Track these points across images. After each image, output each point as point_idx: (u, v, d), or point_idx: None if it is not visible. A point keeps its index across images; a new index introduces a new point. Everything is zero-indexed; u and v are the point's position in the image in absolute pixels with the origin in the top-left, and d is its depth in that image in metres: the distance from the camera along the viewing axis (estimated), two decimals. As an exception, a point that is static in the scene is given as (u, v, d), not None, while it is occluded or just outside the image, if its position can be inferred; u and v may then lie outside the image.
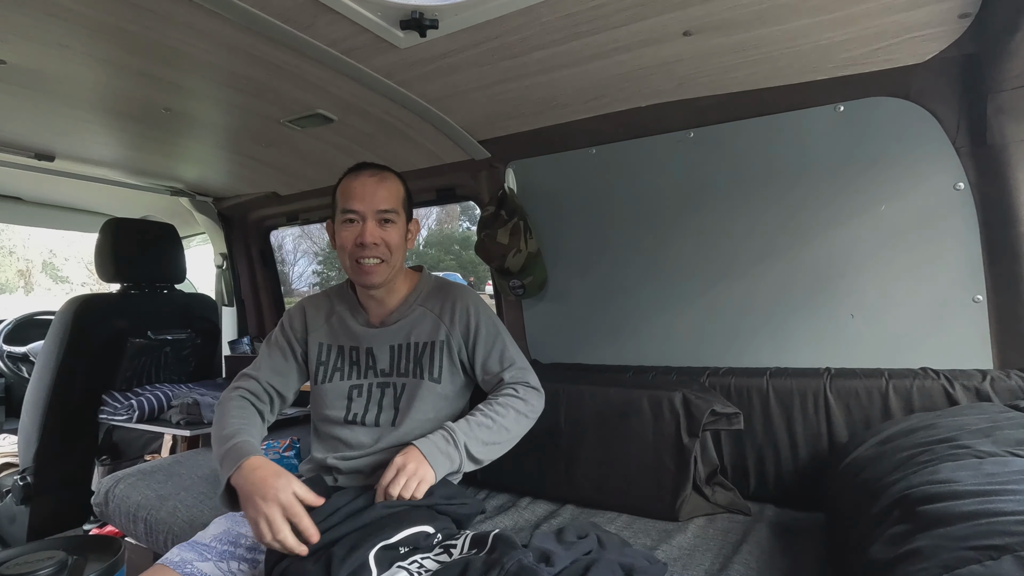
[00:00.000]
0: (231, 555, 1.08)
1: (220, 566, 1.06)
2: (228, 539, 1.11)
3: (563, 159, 1.79)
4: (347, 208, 1.22)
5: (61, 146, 1.93)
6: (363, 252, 1.21)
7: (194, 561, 1.05)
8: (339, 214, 1.24)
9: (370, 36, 1.19)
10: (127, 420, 2.06)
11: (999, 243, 1.27)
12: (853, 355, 1.44)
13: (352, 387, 1.30)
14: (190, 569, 1.03)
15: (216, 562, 1.06)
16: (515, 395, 1.26)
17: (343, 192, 1.25)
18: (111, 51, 1.25)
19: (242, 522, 1.15)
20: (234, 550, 1.09)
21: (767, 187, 1.51)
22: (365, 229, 1.20)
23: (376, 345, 1.30)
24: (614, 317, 1.80)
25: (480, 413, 1.22)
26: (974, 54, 1.20)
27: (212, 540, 1.11)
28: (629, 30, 1.18)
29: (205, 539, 1.11)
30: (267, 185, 2.44)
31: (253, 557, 1.09)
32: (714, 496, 1.36)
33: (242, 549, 1.10)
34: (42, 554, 1.14)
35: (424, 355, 1.28)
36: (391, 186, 1.25)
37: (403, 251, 1.28)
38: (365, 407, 1.28)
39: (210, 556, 1.07)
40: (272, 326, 2.92)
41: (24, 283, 11.40)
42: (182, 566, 1.03)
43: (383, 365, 1.30)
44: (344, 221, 1.23)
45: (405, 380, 1.28)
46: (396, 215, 1.24)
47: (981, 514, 0.70)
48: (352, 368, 1.31)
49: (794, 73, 1.35)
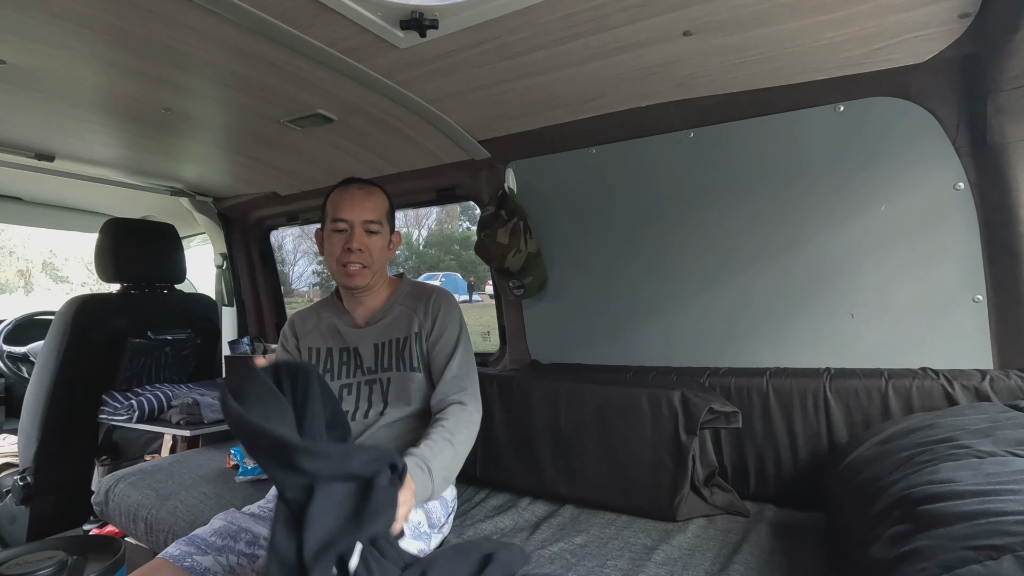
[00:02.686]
0: (230, 550, 1.10)
1: (220, 560, 1.07)
2: (228, 534, 1.12)
3: (563, 159, 1.79)
4: (337, 217, 1.33)
5: (61, 146, 1.93)
6: (349, 257, 1.32)
7: (194, 555, 1.06)
8: (329, 223, 1.35)
9: (370, 36, 1.19)
10: (127, 420, 2.06)
11: (999, 243, 1.27)
12: (853, 355, 1.44)
13: (343, 386, 1.37)
14: (190, 562, 1.05)
15: (216, 556, 1.08)
16: (463, 408, 1.29)
17: (333, 203, 1.35)
18: (111, 51, 1.25)
19: (241, 518, 1.16)
20: (234, 545, 1.11)
21: (767, 187, 1.51)
22: (352, 236, 1.32)
23: (362, 344, 1.39)
24: (614, 317, 1.80)
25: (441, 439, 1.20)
26: (974, 54, 1.20)
27: (212, 535, 1.12)
28: (629, 30, 1.18)
29: (205, 534, 1.12)
30: (267, 185, 2.44)
31: (252, 552, 1.10)
32: (712, 497, 1.36)
33: (242, 544, 1.11)
34: (42, 554, 1.14)
35: (404, 348, 1.37)
36: (377, 200, 1.37)
37: (384, 258, 1.40)
38: (356, 404, 1.35)
39: (210, 550, 1.08)
40: (272, 326, 2.93)
41: (24, 283, 11.41)
42: (182, 559, 1.05)
43: (368, 363, 1.38)
44: (333, 230, 1.34)
45: (390, 374, 1.36)
46: (380, 226, 1.35)
47: (981, 514, 0.70)
48: (342, 368, 1.39)
49: (794, 73, 1.35)
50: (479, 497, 1.56)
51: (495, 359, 2.15)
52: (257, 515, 1.19)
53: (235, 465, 1.76)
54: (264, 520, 1.17)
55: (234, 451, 1.80)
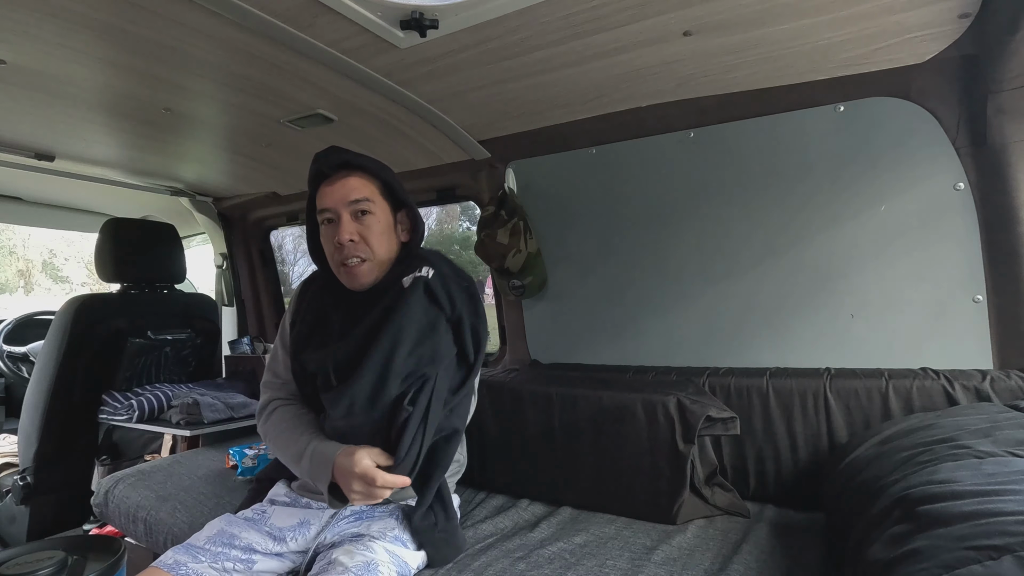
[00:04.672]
0: (225, 556, 1.08)
1: (215, 567, 1.05)
2: (222, 541, 1.10)
3: (563, 159, 1.79)
4: (321, 208, 1.16)
5: (61, 146, 1.93)
6: (343, 253, 1.13)
7: (188, 563, 1.04)
8: (319, 219, 1.19)
9: (370, 36, 1.19)
10: (127, 420, 2.05)
11: (999, 243, 1.27)
12: (853, 355, 1.44)
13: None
14: (184, 571, 1.02)
15: (210, 563, 1.06)
16: None
17: (318, 195, 1.18)
18: (111, 51, 1.25)
19: (236, 522, 1.14)
20: (228, 551, 1.08)
21: (767, 187, 1.51)
22: (340, 227, 1.13)
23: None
24: (614, 317, 1.80)
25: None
26: (974, 54, 1.20)
27: (206, 542, 1.09)
28: (629, 30, 1.18)
29: (199, 541, 1.10)
30: (267, 185, 2.44)
31: (248, 558, 1.09)
32: (713, 497, 1.36)
33: (237, 551, 1.09)
34: (42, 554, 1.14)
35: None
36: (362, 175, 1.16)
37: (388, 245, 1.17)
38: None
39: (204, 558, 1.06)
40: (272, 326, 2.93)
41: (24, 283, 11.40)
42: (176, 568, 1.02)
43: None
44: (323, 223, 1.17)
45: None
46: (372, 204, 1.14)
47: (981, 514, 0.70)
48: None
49: (794, 73, 1.35)
50: (479, 498, 1.56)
51: (495, 359, 2.15)
52: (252, 519, 1.16)
53: (234, 465, 1.76)
54: (259, 525, 1.15)
55: (233, 451, 1.80)
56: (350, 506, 1.16)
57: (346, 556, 1.02)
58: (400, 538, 1.13)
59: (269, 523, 1.16)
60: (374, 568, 1.00)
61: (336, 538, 1.14)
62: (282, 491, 1.24)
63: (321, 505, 1.19)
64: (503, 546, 1.23)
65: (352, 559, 1.01)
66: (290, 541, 1.14)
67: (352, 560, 1.01)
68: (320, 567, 1.03)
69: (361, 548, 1.05)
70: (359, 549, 1.05)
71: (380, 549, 1.07)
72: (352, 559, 1.01)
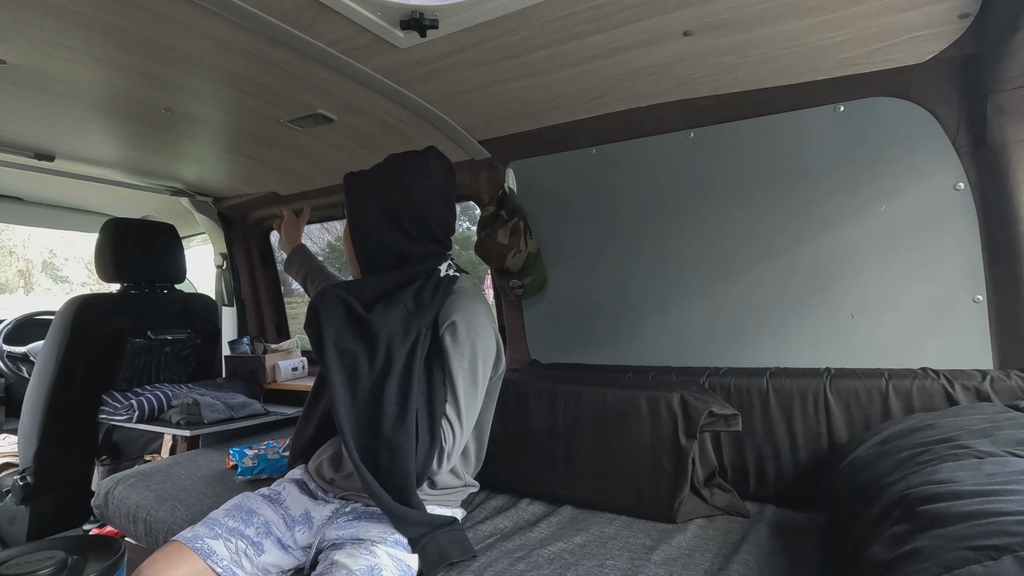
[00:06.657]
0: (240, 534, 1.12)
1: (228, 544, 1.10)
2: (240, 516, 1.15)
3: (563, 159, 1.79)
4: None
5: (61, 146, 1.93)
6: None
7: (205, 536, 1.09)
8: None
9: (370, 36, 1.19)
10: (127, 420, 2.05)
11: (999, 243, 1.27)
12: (853, 355, 1.44)
13: None
14: (200, 544, 1.07)
15: (225, 539, 1.10)
16: None
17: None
18: (111, 51, 1.25)
19: (254, 498, 1.21)
20: (244, 528, 1.13)
21: (767, 187, 1.51)
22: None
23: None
24: (614, 317, 1.80)
25: None
26: (974, 54, 1.20)
27: (224, 515, 1.15)
28: (629, 30, 1.18)
29: (218, 515, 1.16)
30: (267, 185, 2.44)
31: (260, 543, 1.13)
32: (712, 498, 1.36)
33: (252, 528, 1.14)
34: (42, 554, 1.14)
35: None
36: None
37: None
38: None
39: (221, 532, 1.11)
40: (272, 326, 2.93)
41: (24, 283, 11.40)
42: (194, 541, 1.08)
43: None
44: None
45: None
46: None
47: (981, 514, 0.70)
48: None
49: (794, 73, 1.35)
50: (479, 499, 1.56)
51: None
52: (269, 497, 1.23)
53: (234, 465, 1.76)
54: (276, 503, 1.22)
55: (233, 451, 1.80)
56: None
57: (348, 559, 1.03)
58: (401, 541, 1.14)
59: (284, 504, 1.22)
60: (378, 572, 1.02)
61: (337, 538, 1.15)
62: (298, 472, 1.32)
63: (325, 499, 1.24)
64: (503, 546, 1.23)
65: (355, 562, 1.02)
66: (296, 533, 1.18)
67: (356, 563, 1.02)
68: (323, 567, 1.05)
69: (364, 552, 1.06)
70: (361, 553, 1.06)
71: (383, 554, 1.08)
72: (355, 562, 1.02)
